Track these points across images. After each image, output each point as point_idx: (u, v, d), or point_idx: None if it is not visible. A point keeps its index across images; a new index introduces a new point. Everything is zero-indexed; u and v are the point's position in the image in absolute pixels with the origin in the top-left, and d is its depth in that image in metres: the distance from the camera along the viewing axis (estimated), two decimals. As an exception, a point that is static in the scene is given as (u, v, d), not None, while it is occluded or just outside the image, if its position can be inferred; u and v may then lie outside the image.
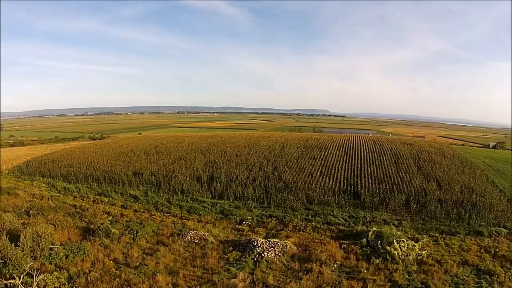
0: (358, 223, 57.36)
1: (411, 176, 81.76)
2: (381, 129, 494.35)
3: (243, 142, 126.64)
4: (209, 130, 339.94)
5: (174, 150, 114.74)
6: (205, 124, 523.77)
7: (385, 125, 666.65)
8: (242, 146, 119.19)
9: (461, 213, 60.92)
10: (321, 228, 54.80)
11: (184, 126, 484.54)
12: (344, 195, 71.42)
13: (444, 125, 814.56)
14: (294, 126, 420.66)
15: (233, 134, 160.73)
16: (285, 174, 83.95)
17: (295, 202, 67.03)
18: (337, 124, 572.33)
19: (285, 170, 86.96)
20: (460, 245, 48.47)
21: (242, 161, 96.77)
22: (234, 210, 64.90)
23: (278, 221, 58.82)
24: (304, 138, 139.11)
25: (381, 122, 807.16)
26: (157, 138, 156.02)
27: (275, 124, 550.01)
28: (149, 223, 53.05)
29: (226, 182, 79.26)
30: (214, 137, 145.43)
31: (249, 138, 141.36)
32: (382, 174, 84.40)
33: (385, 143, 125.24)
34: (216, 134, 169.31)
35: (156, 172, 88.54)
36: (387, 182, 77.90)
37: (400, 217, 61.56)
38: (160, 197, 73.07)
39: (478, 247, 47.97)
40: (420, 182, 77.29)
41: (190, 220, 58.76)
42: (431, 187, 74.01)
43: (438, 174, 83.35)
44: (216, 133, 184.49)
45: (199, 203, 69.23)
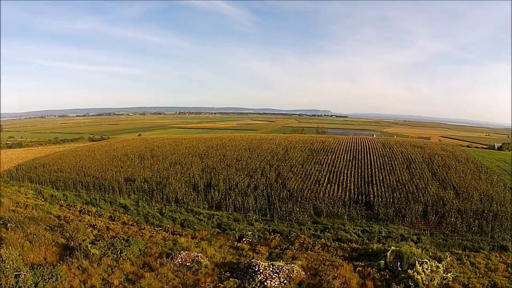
0: (373, 240, 51.84)
1: (426, 183, 76.32)
2: (384, 129, 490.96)
3: (244, 145, 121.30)
4: (209, 131, 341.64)
5: (171, 154, 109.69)
6: (206, 125, 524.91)
7: (388, 125, 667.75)
8: (243, 149, 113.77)
9: (482, 225, 56.15)
10: (332, 246, 48.82)
11: (185, 126, 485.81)
12: (355, 205, 65.95)
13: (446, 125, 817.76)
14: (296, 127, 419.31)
15: (233, 136, 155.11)
16: (290, 181, 78.53)
17: (302, 215, 61.15)
18: (339, 125, 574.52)
19: (289, 177, 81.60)
20: (486, 264, 43.43)
21: (243, 166, 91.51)
22: (233, 223, 58.81)
23: (282, 238, 52.73)
24: (308, 140, 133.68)
25: (383, 122, 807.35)
26: (154, 140, 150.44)
27: (277, 125, 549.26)
28: (136, 240, 46.49)
29: (225, 191, 73.95)
30: (214, 140, 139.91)
31: (250, 140, 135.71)
32: (395, 181, 79.02)
33: (394, 146, 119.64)
34: (215, 136, 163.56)
35: (149, 178, 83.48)
36: (401, 190, 72.51)
37: (418, 230, 56.18)
38: (152, 207, 67.52)
39: (505, 265, 43.16)
40: (436, 190, 71.94)
41: (183, 236, 52.23)
42: (448, 195, 68.76)
43: (454, 181, 78.11)
44: (215, 135, 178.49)
45: (194, 215, 63.36)
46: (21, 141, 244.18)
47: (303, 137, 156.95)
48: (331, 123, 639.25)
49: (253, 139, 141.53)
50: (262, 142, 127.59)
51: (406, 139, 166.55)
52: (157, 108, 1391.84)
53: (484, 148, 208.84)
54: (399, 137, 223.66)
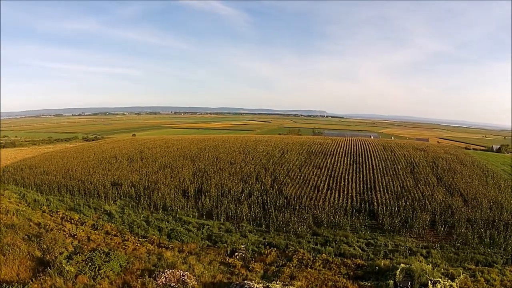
0: (378, 254, 48.65)
1: (432, 190, 73.62)
2: (380, 130, 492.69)
3: (238, 147, 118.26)
4: (204, 131, 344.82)
5: (161, 156, 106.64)
6: (201, 125, 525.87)
7: (384, 126, 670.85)
8: (237, 151, 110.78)
9: (494, 236, 53.46)
10: (334, 263, 45.49)
11: (180, 126, 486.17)
12: (358, 214, 62.76)
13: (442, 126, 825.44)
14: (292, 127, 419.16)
15: (227, 138, 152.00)
16: (287, 187, 75.38)
17: (300, 225, 57.50)
18: (335, 125, 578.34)
19: (286, 182, 78.48)
20: (502, 281, 40.91)
21: (237, 170, 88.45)
22: (224, 235, 54.97)
23: (279, 252, 49.20)
24: (306, 142, 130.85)
25: (379, 123, 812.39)
26: (145, 141, 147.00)
27: (273, 125, 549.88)
28: (117, 254, 43.10)
29: (217, 197, 70.69)
30: (207, 141, 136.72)
31: (245, 142, 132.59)
32: (399, 187, 76.13)
33: (396, 149, 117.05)
34: (209, 137, 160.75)
35: (137, 182, 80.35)
36: (406, 197, 69.67)
37: (427, 243, 53.09)
38: (138, 215, 63.94)
39: None
40: (443, 197, 69.31)
41: (169, 250, 48.85)
42: (456, 203, 66.06)
43: (461, 187, 75.59)
44: (209, 136, 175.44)
45: (183, 225, 59.58)
46: (15, 140, 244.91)
47: (300, 138, 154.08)
48: (327, 123, 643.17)
49: (248, 140, 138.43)
50: (257, 144, 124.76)
51: (407, 141, 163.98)
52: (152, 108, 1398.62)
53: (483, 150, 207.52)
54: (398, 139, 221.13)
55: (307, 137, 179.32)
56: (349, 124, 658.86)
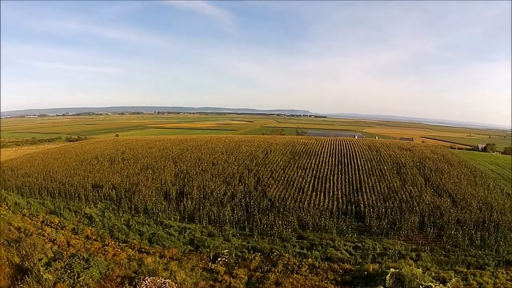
0: (367, 258, 48.20)
1: (420, 190, 73.43)
2: (363, 130, 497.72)
3: (221, 148, 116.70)
4: (187, 131, 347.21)
5: (143, 157, 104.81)
6: (184, 125, 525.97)
7: (367, 126, 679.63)
8: (219, 152, 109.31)
9: (485, 237, 53.73)
10: (321, 268, 44.82)
11: (163, 126, 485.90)
12: (344, 217, 61.92)
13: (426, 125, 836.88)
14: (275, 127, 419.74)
15: (210, 138, 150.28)
16: (271, 188, 74.44)
17: (285, 229, 56.81)
18: (319, 125, 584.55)
19: (270, 184, 77.53)
20: (495, 284, 40.80)
21: (219, 171, 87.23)
22: (207, 239, 54.06)
23: (263, 257, 48.41)
24: (289, 142, 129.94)
25: (362, 123, 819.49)
26: (127, 142, 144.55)
27: (256, 125, 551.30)
28: (97, 260, 41.81)
29: (199, 199, 69.57)
30: (189, 141, 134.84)
31: (228, 142, 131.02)
32: (386, 188, 75.73)
33: (381, 149, 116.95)
34: (191, 137, 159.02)
35: (118, 184, 79.01)
36: (393, 198, 69.30)
37: (416, 245, 52.94)
38: (119, 218, 62.95)
39: None
40: (431, 198, 69.11)
41: (150, 255, 47.83)
42: (445, 204, 65.92)
43: (449, 187, 75.50)
44: (191, 136, 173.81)
45: (164, 229, 58.62)
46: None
47: (283, 138, 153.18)
48: (310, 123, 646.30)
49: (231, 140, 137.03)
50: (240, 144, 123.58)
51: (392, 141, 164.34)
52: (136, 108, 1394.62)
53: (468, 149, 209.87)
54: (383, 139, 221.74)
55: (290, 137, 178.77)
56: (333, 124, 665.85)
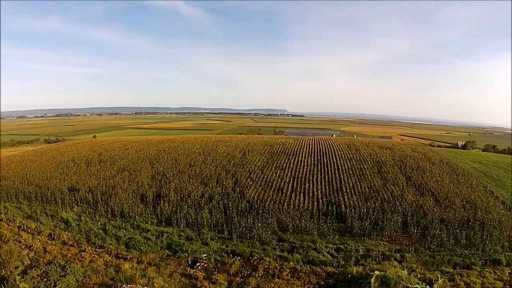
0: (350, 260, 47.85)
1: (402, 190, 73.30)
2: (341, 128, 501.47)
3: (198, 148, 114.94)
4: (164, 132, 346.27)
5: (119, 159, 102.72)
6: (162, 125, 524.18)
7: (345, 124, 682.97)
8: (196, 153, 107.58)
9: (470, 236, 54.00)
10: (303, 271, 44.15)
11: (140, 127, 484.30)
12: (325, 218, 61.34)
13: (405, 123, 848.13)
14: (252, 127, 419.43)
15: (187, 138, 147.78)
16: (249, 190, 73.46)
17: (264, 231, 56.10)
18: (296, 124, 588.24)
19: (248, 185, 76.53)
20: (483, 284, 41.08)
21: (196, 172, 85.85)
22: (185, 243, 53.28)
23: (243, 261, 47.70)
24: (267, 142, 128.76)
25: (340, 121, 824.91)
26: (103, 143, 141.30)
27: (233, 125, 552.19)
28: (74, 267, 41.18)
29: (176, 202, 68.40)
30: (166, 142, 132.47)
31: (205, 142, 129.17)
32: (367, 187, 75.28)
33: (361, 148, 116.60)
34: (168, 138, 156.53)
35: (94, 187, 77.54)
36: (375, 198, 68.93)
37: (400, 246, 52.81)
38: (95, 223, 61.93)
39: (502, 282, 41.17)
40: (414, 197, 69.09)
41: (127, 261, 47.04)
42: (428, 203, 65.94)
43: (432, 186, 75.61)
44: (168, 137, 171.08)
45: (141, 233, 57.63)
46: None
47: (261, 138, 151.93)
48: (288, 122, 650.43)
49: (208, 141, 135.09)
50: (218, 145, 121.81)
51: (372, 140, 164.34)
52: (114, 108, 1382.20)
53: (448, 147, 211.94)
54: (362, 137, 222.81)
55: (268, 136, 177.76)
56: (310, 123, 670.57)
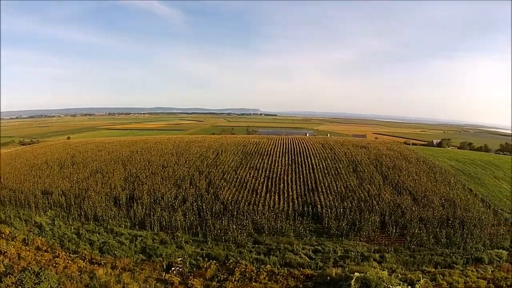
0: (328, 262, 47.19)
1: (378, 189, 73.26)
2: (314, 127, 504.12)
3: (171, 149, 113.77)
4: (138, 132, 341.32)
5: (92, 161, 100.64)
6: (135, 126, 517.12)
7: (318, 123, 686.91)
8: (169, 153, 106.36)
9: (450, 235, 54.25)
10: (281, 274, 43.13)
11: (114, 128, 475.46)
12: (301, 219, 60.80)
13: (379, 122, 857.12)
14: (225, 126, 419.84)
15: (160, 139, 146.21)
16: (223, 191, 72.58)
17: (240, 233, 55.08)
18: (269, 123, 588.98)
19: (222, 186, 75.63)
20: (466, 282, 40.89)
21: (169, 174, 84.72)
22: (159, 247, 51.85)
23: (219, 265, 46.45)
24: (240, 142, 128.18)
25: (313, 120, 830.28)
26: (77, 145, 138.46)
27: (206, 125, 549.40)
28: (48, 274, 39.23)
29: (149, 204, 67.19)
30: (139, 143, 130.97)
31: (178, 143, 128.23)
32: (343, 187, 75.09)
33: (336, 147, 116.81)
34: (141, 139, 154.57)
35: (67, 190, 75.59)
36: (351, 198, 68.66)
37: (379, 246, 52.43)
38: (69, 227, 60.05)
39: (485, 281, 40.98)
40: (391, 196, 69.18)
41: (101, 266, 45.41)
42: (406, 202, 66.14)
43: (409, 184, 75.91)
44: (141, 137, 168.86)
45: (115, 237, 56.11)
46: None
47: (234, 138, 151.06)
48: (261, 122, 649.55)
49: (181, 141, 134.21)
50: (191, 145, 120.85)
51: (346, 139, 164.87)
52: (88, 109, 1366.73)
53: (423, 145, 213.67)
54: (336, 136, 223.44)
55: (242, 136, 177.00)
56: (283, 122, 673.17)
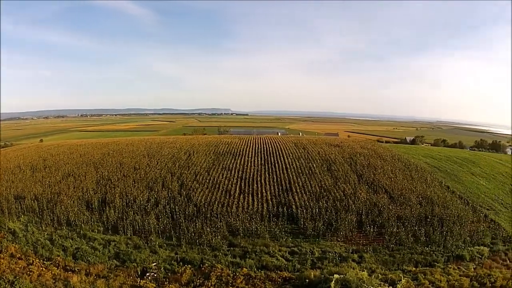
0: (305, 263, 46.52)
1: (354, 188, 73.24)
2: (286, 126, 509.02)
3: (143, 150, 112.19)
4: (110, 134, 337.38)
5: (64, 164, 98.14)
6: (107, 127, 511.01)
7: (290, 122, 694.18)
8: (141, 155, 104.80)
9: (430, 233, 54.50)
10: (258, 278, 42.14)
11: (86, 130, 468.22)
12: (276, 220, 60.24)
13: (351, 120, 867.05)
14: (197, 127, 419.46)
15: (131, 141, 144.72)
16: (196, 193, 71.59)
17: (214, 236, 54.07)
18: (241, 123, 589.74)
19: (194, 187, 74.66)
20: (448, 281, 40.82)
21: (142, 176, 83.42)
22: (133, 252, 50.45)
23: (194, 269, 45.16)
24: (212, 142, 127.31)
25: (285, 119, 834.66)
26: (49, 148, 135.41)
27: (177, 125, 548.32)
28: (22, 282, 38.71)
29: (122, 208, 65.66)
30: (110, 145, 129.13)
31: (149, 144, 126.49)
32: (318, 186, 74.84)
33: (309, 146, 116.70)
34: (113, 140, 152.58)
35: (40, 195, 73.19)
36: (327, 197, 68.43)
37: (356, 246, 52.19)
38: (42, 233, 57.87)
39: (468, 278, 41.06)
40: (367, 195, 69.31)
41: (75, 273, 43.81)
42: (382, 200, 66.30)
43: (385, 183, 76.26)
44: (113, 139, 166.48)
45: (88, 242, 54.36)
46: None
47: (206, 138, 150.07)
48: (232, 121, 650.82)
49: (152, 142, 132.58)
50: (162, 146, 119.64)
51: (319, 138, 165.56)
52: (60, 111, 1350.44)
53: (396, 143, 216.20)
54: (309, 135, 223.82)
55: (213, 136, 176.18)
56: (255, 121, 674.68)
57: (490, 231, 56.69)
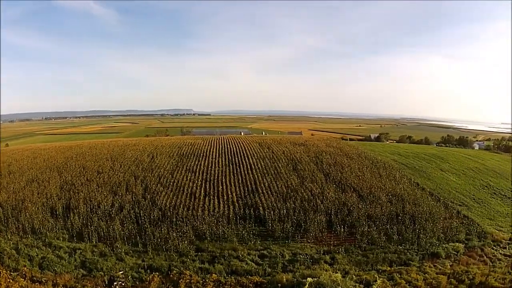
0: (276, 267, 45.79)
1: (321, 187, 73.19)
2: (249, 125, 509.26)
3: (106, 154, 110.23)
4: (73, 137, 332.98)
5: (28, 169, 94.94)
6: (71, 130, 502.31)
7: (253, 121, 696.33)
8: (104, 159, 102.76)
9: (402, 231, 54.70)
10: (228, 284, 41.05)
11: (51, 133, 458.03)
12: (243, 222, 59.50)
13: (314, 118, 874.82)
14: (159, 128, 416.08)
15: (94, 144, 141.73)
16: (160, 196, 70.29)
17: (181, 241, 52.79)
18: (203, 123, 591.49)
19: (159, 191, 73.39)
20: (425, 279, 40.68)
21: (105, 180, 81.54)
22: (99, 260, 48.63)
23: (163, 277, 43.55)
24: (175, 143, 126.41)
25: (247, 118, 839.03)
26: (13, 152, 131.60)
27: (140, 126, 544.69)
28: None
29: (86, 214, 63.71)
30: (73, 148, 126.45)
31: (112, 147, 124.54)
32: (284, 187, 74.53)
33: (273, 145, 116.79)
34: (76, 144, 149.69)
35: (4, 202, 70.46)
36: (294, 197, 68.11)
37: (328, 247, 51.64)
38: (8, 242, 55.30)
39: (445, 276, 41.10)
40: (335, 194, 69.18)
41: (42, 284, 41.99)
42: (351, 199, 66.38)
43: (353, 181, 76.51)
44: (76, 142, 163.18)
45: (54, 250, 52.18)
46: None
47: (169, 140, 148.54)
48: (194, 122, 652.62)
49: (115, 145, 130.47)
50: (125, 149, 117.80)
51: (284, 137, 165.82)
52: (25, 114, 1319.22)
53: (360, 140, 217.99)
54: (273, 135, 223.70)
55: (176, 137, 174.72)
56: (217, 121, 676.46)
57: (464, 227, 57.33)
